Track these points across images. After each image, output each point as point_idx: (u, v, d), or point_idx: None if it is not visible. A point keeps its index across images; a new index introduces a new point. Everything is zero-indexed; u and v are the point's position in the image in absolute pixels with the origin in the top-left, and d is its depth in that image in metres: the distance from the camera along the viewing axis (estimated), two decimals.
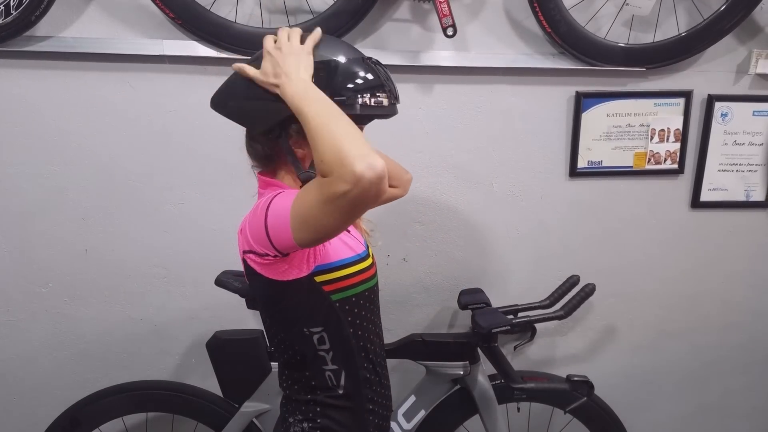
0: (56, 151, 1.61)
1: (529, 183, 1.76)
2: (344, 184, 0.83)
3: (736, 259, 1.88)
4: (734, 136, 1.76)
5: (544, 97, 1.69)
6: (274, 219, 0.94)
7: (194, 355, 1.81)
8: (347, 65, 1.01)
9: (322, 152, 0.86)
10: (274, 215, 0.94)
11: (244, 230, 1.02)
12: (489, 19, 1.62)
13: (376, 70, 1.03)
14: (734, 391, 2.03)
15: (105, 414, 1.65)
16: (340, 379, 1.10)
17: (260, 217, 0.96)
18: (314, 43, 1.01)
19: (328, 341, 1.08)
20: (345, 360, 1.10)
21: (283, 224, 0.92)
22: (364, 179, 0.82)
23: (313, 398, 1.11)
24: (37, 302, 1.72)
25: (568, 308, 1.57)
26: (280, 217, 0.93)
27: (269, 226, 0.94)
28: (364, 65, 1.03)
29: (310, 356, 1.09)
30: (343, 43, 1.10)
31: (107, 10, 1.53)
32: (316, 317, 1.06)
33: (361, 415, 1.13)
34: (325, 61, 1.00)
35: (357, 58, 1.03)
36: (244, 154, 1.11)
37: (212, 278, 1.54)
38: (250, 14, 1.55)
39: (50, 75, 1.56)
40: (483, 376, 1.61)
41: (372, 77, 1.02)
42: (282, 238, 0.94)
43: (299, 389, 1.12)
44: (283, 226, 0.92)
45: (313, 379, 1.10)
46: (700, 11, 1.63)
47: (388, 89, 1.03)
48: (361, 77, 1.01)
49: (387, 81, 1.04)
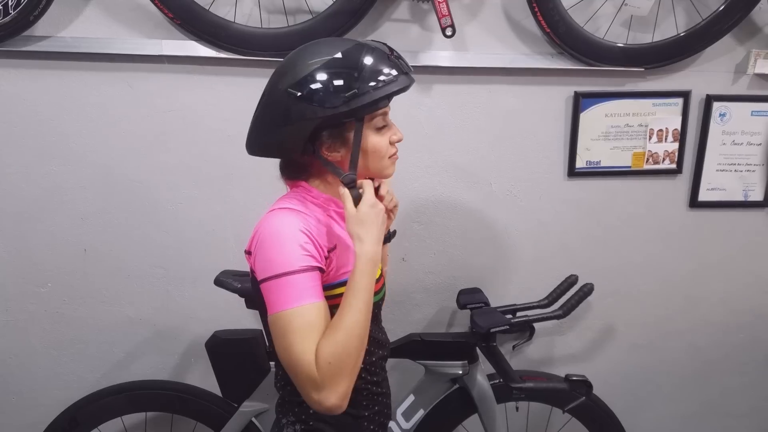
0: (55, 151, 1.61)
1: (528, 183, 1.76)
2: (314, 394, 0.92)
3: (734, 259, 1.88)
4: (732, 136, 1.76)
5: (543, 97, 1.69)
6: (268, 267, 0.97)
7: (193, 355, 1.81)
8: (344, 60, 0.98)
9: (333, 354, 0.91)
10: (270, 265, 0.97)
11: (255, 230, 1.02)
12: (488, 20, 1.62)
13: (374, 49, 1.00)
14: (733, 391, 2.04)
15: (104, 414, 1.66)
16: None
17: (262, 238, 0.99)
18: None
19: None
20: None
21: (274, 290, 0.96)
22: (325, 408, 0.92)
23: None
24: (36, 302, 1.72)
25: (567, 308, 1.57)
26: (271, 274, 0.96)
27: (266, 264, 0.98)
28: (362, 51, 0.99)
29: None
30: (332, 40, 1.08)
31: (106, 9, 1.53)
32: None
33: (356, 422, 1.13)
34: (324, 67, 0.97)
35: (350, 48, 1.00)
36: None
37: (211, 278, 1.54)
38: (249, 14, 1.55)
39: (49, 75, 1.56)
40: (482, 376, 1.61)
41: (372, 60, 0.98)
42: (265, 290, 0.98)
43: (292, 390, 1.11)
44: (272, 292, 0.96)
45: None
46: (698, 11, 1.63)
47: (393, 63, 1.00)
48: (364, 64, 0.98)
49: (388, 57, 1.01)
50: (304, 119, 0.97)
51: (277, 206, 1.04)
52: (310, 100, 0.96)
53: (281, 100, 0.99)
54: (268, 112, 1.03)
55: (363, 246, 0.98)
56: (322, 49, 1.01)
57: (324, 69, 0.97)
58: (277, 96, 1.00)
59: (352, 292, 0.96)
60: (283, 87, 0.98)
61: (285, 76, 0.99)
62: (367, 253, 0.98)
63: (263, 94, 1.04)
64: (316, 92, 0.96)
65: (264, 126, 1.04)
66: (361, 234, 0.99)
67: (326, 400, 0.91)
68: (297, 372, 0.93)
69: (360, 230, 0.99)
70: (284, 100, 0.98)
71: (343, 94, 0.95)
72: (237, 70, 1.58)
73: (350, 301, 0.95)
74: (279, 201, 1.06)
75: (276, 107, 1.01)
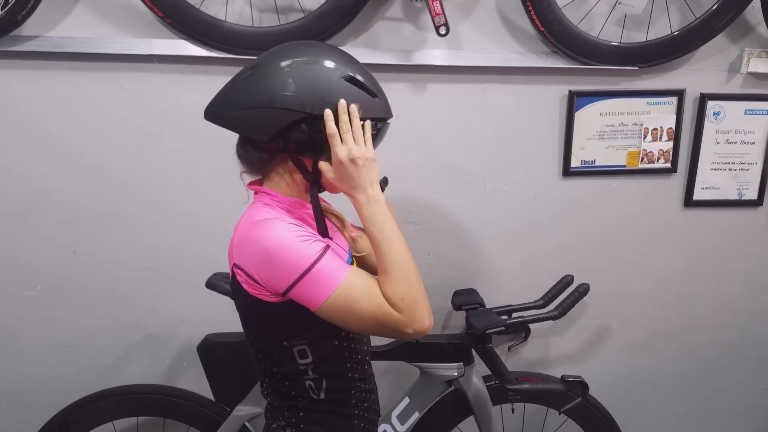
0: (43, 152, 1.59)
1: (523, 182, 1.75)
2: (409, 330, 0.97)
3: (729, 258, 1.89)
4: (727, 134, 1.76)
5: (537, 96, 1.69)
6: (289, 271, 0.95)
7: (185, 359, 1.79)
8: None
9: (401, 291, 0.96)
10: (287, 267, 0.95)
11: (241, 245, 1.00)
12: (482, 18, 1.61)
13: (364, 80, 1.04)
14: (728, 390, 2.04)
15: (95, 419, 1.64)
16: (320, 387, 1.08)
17: (265, 253, 0.96)
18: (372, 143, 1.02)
19: (311, 354, 1.06)
20: (327, 369, 1.08)
21: (309, 285, 0.95)
22: (423, 333, 0.98)
23: (294, 404, 1.10)
24: (25, 306, 1.70)
25: (563, 308, 1.57)
26: (299, 273, 0.95)
27: (279, 269, 0.96)
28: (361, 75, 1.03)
29: (290, 370, 1.07)
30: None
31: (95, 9, 1.51)
32: (299, 333, 1.04)
33: (345, 420, 1.12)
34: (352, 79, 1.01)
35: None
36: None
37: (203, 281, 1.52)
38: (240, 13, 1.54)
39: (37, 75, 1.54)
40: (477, 377, 1.60)
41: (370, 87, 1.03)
42: (298, 294, 0.96)
43: (279, 397, 1.11)
44: (309, 288, 0.95)
45: (292, 389, 1.09)
46: (692, 10, 1.63)
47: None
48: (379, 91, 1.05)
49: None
50: (278, 107, 0.97)
51: (251, 220, 1.01)
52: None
53: (281, 79, 0.98)
54: (261, 85, 0.99)
55: (359, 195, 0.99)
56: (349, 58, 1.05)
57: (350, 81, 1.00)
58: (277, 75, 0.99)
59: (377, 237, 0.99)
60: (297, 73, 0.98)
61: (310, 63, 1.00)
62: (368, 198, 0.99)
63: (257, 65, 1.02)
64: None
65: (232, 97, 1.03)
66: (349, 188, 1.00)
67: (420, 327, 0.97)
68: (384, 325, 0.97)
69: (346, 186, 1.00)
70: (281, 83, 0.98)
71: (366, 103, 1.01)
72: (228, 69, 1.56)
73: (380, 245, 0.99)
74: (250, 214, 1.03)
75: (270, 84, 0.99)
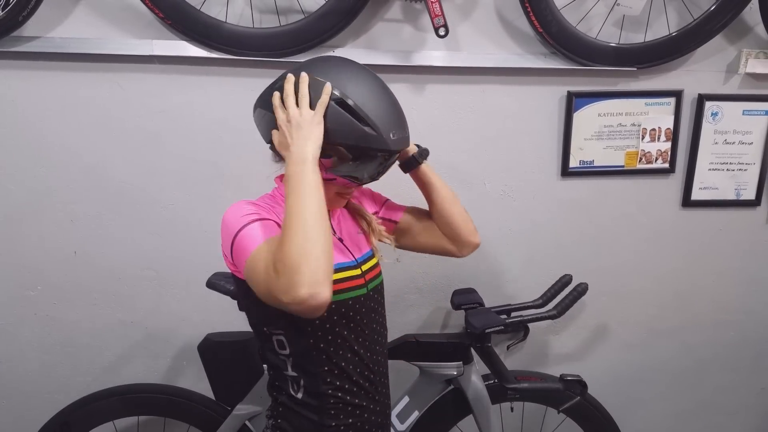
0: (44, 152, 1.59)
1: (522, 183, 1.76)
2: (284, 297, 0.86)
3: (727, 258, 1.90)
4: (724, 135, 1.77)
5: (536, 97, 1.69)
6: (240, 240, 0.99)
7: (186, 358, 1.79)
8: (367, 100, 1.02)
9: (285, 253, 0.87)
10: (241, 236, 0.99)
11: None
12: (481, 19, 1.62)
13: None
14: (725, 389, 2.05)
15: (95, 418, 1.64)
16: (299, 385, 1.07)
17: (222, 227, 1.02)
18: (324, 110, 0.98)
19: (288, 347, 1.05)
20: (305, 368, 1.06)
21: (236, 252, 0.98)
22: (302, 304, 0.85)
23: (278, 396, 1.10)
24: (25, 305, 1.70)
25: (561, 307, 1.57)
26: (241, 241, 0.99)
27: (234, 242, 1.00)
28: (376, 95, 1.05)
29: (273, 359, 1.07)
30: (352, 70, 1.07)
31: (96, 10, 1.51)
32: (277, 319, 1.03)
33: (321, 429, 1.07)
34: (341, 101, 1.00)
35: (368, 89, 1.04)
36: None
37: (203, 280, 1.53)
38: (240, 14, 1.54)
39: (38, 75, 1.54)
40: (476, 377, 1.61)
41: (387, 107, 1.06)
42: (237, 263, 1.00)
43: (270, 386, 1.14)
44: (237, 255, 0.98)
45: (276, 380, 1.10)
46: (690, 11, 1.63)
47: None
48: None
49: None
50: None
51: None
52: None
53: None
54: (267, 89, 1.08)
55: (286, 154, 0.98)
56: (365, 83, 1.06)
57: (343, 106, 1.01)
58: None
59: (286, 196, 0.94)
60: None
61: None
62: (291, 156, 0.96)
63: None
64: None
65: (260, 99, 1.10)
66: (283, 150, 1.00)
67: (296, 295, 0.85)
68: (269, 291, 0.89)
69: (282, 149, 1.00)
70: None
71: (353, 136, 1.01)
72: (228, 70, 1.57)
73: (286, 204, 0.93)
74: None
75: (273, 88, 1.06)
